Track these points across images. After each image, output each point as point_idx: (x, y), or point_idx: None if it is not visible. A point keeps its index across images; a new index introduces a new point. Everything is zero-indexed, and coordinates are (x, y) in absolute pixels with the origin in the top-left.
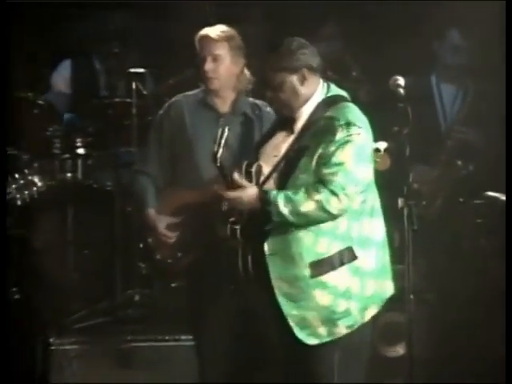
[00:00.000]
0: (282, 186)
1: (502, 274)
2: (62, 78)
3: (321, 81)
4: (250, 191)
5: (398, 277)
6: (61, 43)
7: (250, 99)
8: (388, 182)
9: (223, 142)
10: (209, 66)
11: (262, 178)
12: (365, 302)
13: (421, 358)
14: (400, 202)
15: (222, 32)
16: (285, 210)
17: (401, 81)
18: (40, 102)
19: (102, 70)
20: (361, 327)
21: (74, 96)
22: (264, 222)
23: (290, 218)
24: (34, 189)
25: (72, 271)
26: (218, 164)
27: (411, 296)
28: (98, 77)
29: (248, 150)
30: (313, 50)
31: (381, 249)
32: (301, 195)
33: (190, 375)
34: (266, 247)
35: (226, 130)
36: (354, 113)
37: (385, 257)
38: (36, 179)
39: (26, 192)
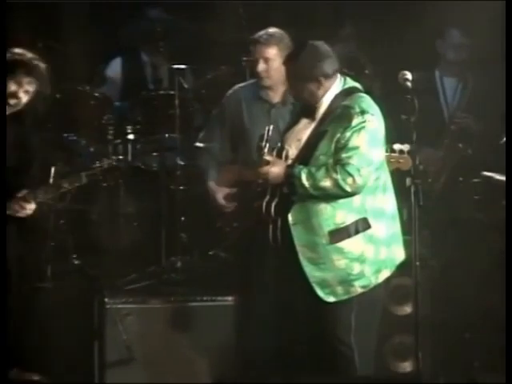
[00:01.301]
0: (304, 165)
1: (495, 242)
2: (114, 73)
3: (338, 75)
4: (279, 167)
5: (405, 246)
6: (114, 42)
7: None
8: None
9: (269, 138)
10: (261, 67)
11: (289, 159)
12: (378, 266)
13: (425, 315)
14: (408, 181)
15: (272, 36)
16: (306, 183)
17: (408, 75)
18: (96, 94)
19: (149, 66)
20: (374, 288)
21: (125, 89)
22: (290, 193)
23: (311, 191)
24: (117, 173)
25: (123, 240)
26: (264, 157)
27: (417, 263)
28: (146, 72)
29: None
30: (330, 56)
31: (392, 220)
32: (321, 172)
33: (224, 331)
34: (289, 218)
35: (271, 128)
36: (367, 102)
37: (396, 227)
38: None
39: (108, 175)
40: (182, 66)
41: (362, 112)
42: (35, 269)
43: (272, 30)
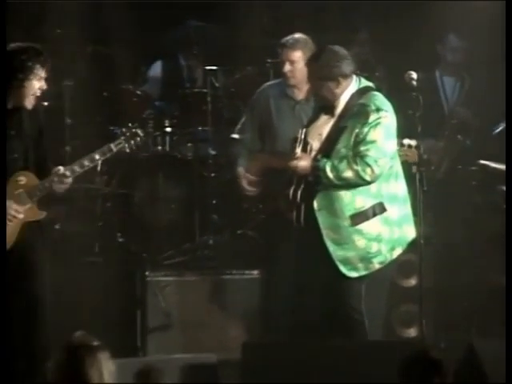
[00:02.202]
0: (326, 157)
1: (490, 222)
2: (155, 74)
3: (354, 76)
4: (307, 161)
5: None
6: (155, 48)
7: None
8: None
9: (302, 139)
10: (287, 68)
11: (313, 152)
12: (392, 244)
13: (428, 287)
14: (413, 168)
15: (297, 40)
16: (331, 174)
17: (413, 75)
18: (138, 92)
19: (185, 68)
20: (389, 264)
21: (164, 87)
22: (315, 184)
23: (334, 181)
24: (138, 139)
25: (162, 221)
26: (296, 156)
27: (422, 241)
28: (182, 73)
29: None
30: (347, 59)
31: (404, 203)
32: (343, 164)
33: (250, 301)
34: (315, 204)
35: (304, 131)
36: (380, 99)
37: (407, 208)
38: (139, 131)
39: (132, 141)
40: (214, 68)
41: (378, 109)
42: (86, 245)
43: (297, 35)
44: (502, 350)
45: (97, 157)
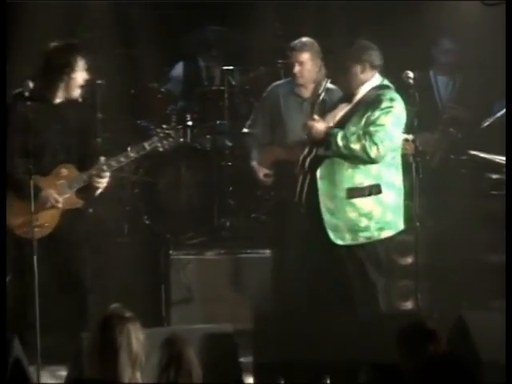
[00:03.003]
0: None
1: (478, 205)
2: (177, 73)
3: (377, 73)
4: (322, 125)
5: (408, 210)
6: (176, 49)
7: (324, 84)
8: None
9: (319, 106)
10: (296, 69)
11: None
12: (382, 225)
13: (424, 264)
14: (410, 158)
15: (305, 44)
16: (340, 142)
17: (410, 74)
18: (162, 89)
19: (203, 68)
20: (377, 242)
21: (185, 85)
22: (325, 148)
23: (342, 150)
24: (170, 139)
25: (184, 205)
26: (314, 118)
27: (417, 223)
28: (201, 72)
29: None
30: (376, 51)
31: (399, 193)
32: (354, 137)
33: (262, 277)
34: (318, 173)
35: (321, 98)
36: (396, 95)
37: (400, 201)
38: (171, 132)
39: (165, 141)
40: (230, 67)
41: (391, 99)
42: (116, 227)
43: (304, 38)
44: (488, 321)
45: (132, 154)
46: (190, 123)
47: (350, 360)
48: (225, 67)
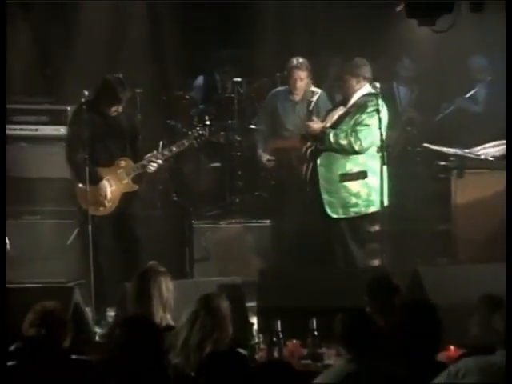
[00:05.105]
0: (332, 129)
1: (431, 187)
2: (198, 83)
3: (367, 84)
4: (318, 125)
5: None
6: (198, 65)
7: (312, 90)
8: None
9: (315, 111)
10: (298, 84)
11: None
12: (368, 203)
13: (388, 231)
14: (377, 150)
15: (302, 63)
16: (332, 139)
17: (377, 85)
18: (187, 96)
19: (219, 80)
20: (364, 215)
21: (205, 93)
22: (320, 144)
23: (333, 145)
24: (203, 138)
25: (203, 185)
26: (313, 119)
27: (384, 200)
28: (217, 83)
29: (311, 116)
30: (369, 68)
31: (378, 178)
32: (342, 135)
33: (264, 241)
34: (318, 161)
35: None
36: (381, 102)
37: (383, 185)
38: (204, 132)
39: (199, 139)
40: (239, 79)
41: (377, 104)
42: (151, 203)
43: (300, 59)
44: (436, 273)
45: (174, 149)
46: (208, 123)
47: (331, 306)
48: (235, 79)
